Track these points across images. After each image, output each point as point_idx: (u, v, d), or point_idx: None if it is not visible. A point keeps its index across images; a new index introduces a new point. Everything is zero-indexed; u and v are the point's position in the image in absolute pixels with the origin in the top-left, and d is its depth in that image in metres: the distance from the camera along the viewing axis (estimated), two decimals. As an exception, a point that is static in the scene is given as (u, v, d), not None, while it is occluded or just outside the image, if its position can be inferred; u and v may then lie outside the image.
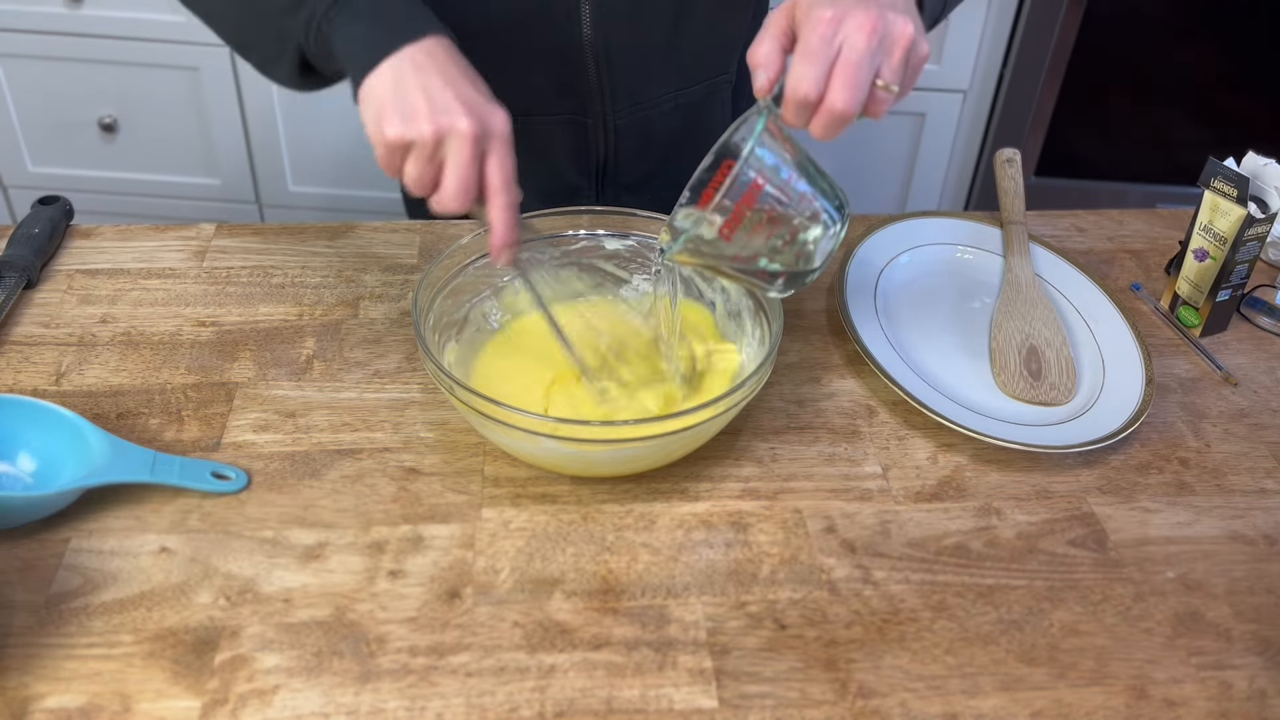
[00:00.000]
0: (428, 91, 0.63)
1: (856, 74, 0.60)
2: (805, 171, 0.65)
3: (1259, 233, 0.83)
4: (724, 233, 0.64)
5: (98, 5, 1.70)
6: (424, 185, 0.65)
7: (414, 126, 0.62)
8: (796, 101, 0.61)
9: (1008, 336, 0.83)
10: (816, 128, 0.62)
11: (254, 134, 1.83)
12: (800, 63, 0.61)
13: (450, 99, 0.63)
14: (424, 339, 0.68)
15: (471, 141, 0.63)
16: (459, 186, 0.64)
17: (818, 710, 0.58)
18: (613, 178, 0.99)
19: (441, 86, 0.63)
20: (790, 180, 0.64)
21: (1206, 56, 1.76)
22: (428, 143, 0.63)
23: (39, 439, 0.68)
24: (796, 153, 0.65)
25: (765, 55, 0.63)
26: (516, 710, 0.57)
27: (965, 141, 1.86)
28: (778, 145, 0.64)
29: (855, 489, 0.71)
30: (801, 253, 0.66)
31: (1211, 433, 0.78)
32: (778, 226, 0.65)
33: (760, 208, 0.63)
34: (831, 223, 0.66)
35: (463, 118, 0.62)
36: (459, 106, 0.63)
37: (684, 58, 0.93)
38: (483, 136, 0.63)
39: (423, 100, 0.63)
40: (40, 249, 0.86)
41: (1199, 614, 0.64)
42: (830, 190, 0.66)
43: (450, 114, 0.62)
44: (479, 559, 0.65)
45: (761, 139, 0.62)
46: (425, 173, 0.64)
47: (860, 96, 0.60)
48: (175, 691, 0.57)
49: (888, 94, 0.62)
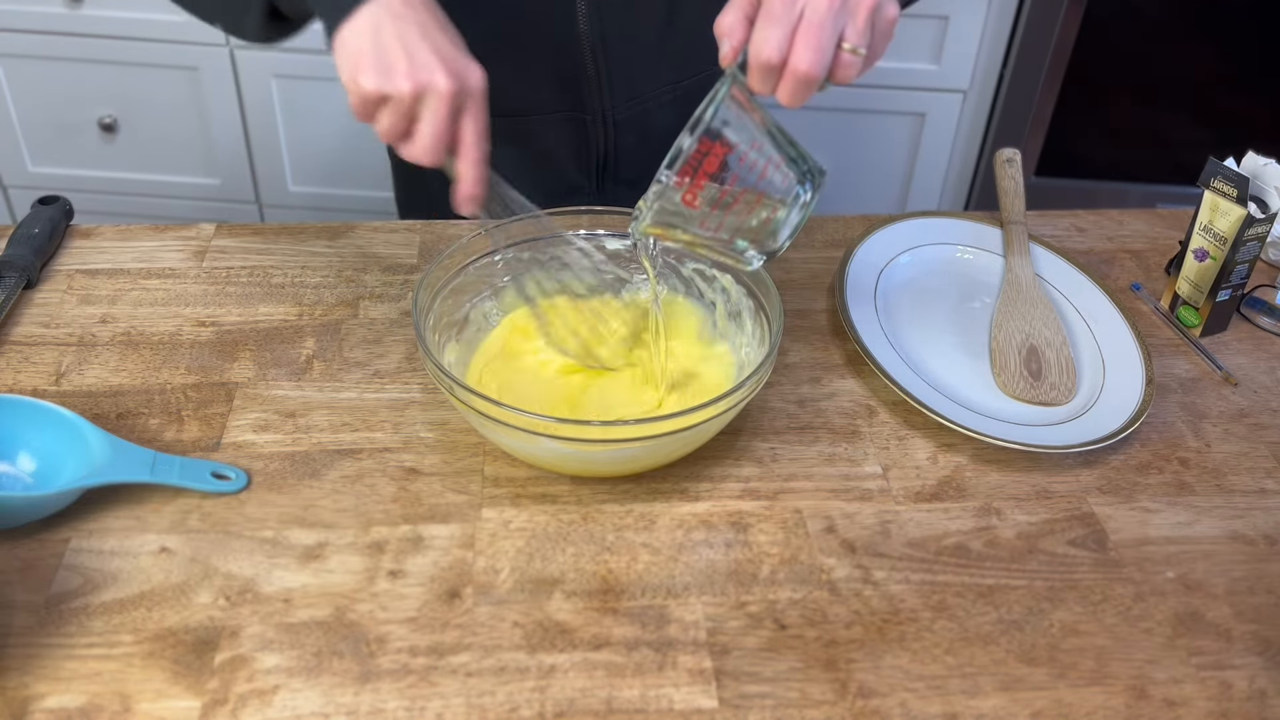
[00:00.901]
0: (406, 44, 0.62)
1: (819, 36, 0.59)
2: (773, 139, 0.65)
3: (1259, 233, 0.83)
4: (687, 199, 0.63)
5: (98, 5, 1.70)
6: (395, 136, 0.65)
7: (391, 81, 0.62)
8: (759, 66, 0.61)
9: (1008, 336, 0.83)
10: (783, 93, 0.62)
11: (254, 134, 1.83)
12: (762, 27, 0.60)
13: (428, 54, 0.62)
14: (424, 339, 0.68)
15: (449, 99, 0.63)
16: (434, 142, 0.64)
17: (818, 710, 0.58)
18: (613, 174, 0.99)
19: (419, 39, 0.63)
20: (755, 146, 0.64)
21: (1206, 56, 1.76)
22: (405, 98, 0.62)
23: (39, 439, 0.68)
24: (764, 120, 0.65)
25: (729, 24, 0.63)
26: (516, 710, 0.57)
27: (965, 141, 1.86)
28: (742, 112, 0.63)
29: (855, 489, 0.71)
30: (769, 219, 0.66)
31: (1211, 433, 0.78)
32: (743, 193, 0.64)
33: (723, 174, 0.63)
34: (801, 190, 0.66)
35: (441, 75, 0.62)
36: (437, 63, 0.62)
37: (679, 49, 0.93)
38: (460, 93, 0.63)
39: (401, 54, 0.62)
40: (40, 249, 0.86)
41: (1199, 614, 0.64)
42: (800, 158, 0.66)
43: (429, 70, 0.62)
44: (479, 559, 0.65)
45: (723, 105, 0.62)
46: (399, 126, 0.64)
47: (824, 59, 0.60)
48: (175, 691, 0.57)
49: (854, 57, 0.61)
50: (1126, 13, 1.70)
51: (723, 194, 0.64)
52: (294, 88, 1.78)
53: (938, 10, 1.71)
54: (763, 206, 0.65)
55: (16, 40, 1.75)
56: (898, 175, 1.90)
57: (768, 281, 0.74)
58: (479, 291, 0.79)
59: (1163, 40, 1.73)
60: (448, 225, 0.95)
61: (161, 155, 1.87)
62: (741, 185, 0.64)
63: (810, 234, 0.96)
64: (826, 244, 0.95)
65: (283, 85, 1.78)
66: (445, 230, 0.94)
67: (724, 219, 0.65)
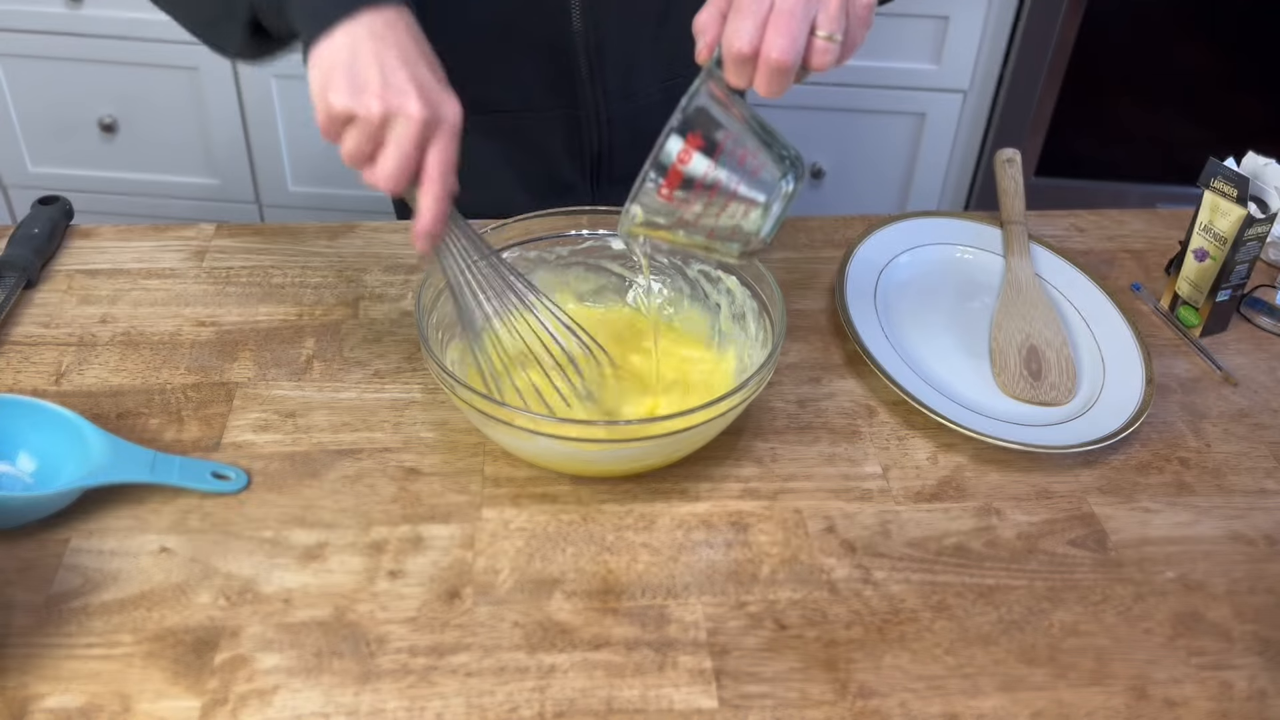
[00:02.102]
0: (382, 65, 0.61)
1: (790, 23, 0.59)
2: (753, 132, 0.64)
3: (1259, 233, 0.83)
4: (663, 193, 0.63)
5: (98, 5, 1.70)
6: (359, 160, 0.63)
7: (361, 101, 0.60)
8: (732, 58, 0.61)
9: (1008, 336, 0.83)
10: (759, 84, 0.61)
11: (253, 134, 1.83)
12: (734, 19, 0.60)
13: (404, 79, 0.60)
14: (426, 338, 0.68)
15: (419, 126, 0.60)
16: (397, 168, 0.61)
17: (818, 710, 0.58)
18: (607, 173, 0.99)
19: (398, 63, 0.61)
20: (734, 140, 0.63)
21: (1206, 56, 1.76)
22: (373, 119, 0.60)
23: (39, 439, 0.68)
24: (743, 114, 0.65)
25: (704, 21, 0.63)
26: (516, 710, 0.57)
27: (965, 141, 1.86)
28: (720, 107, 0.63)
29: (855, 489, 0.71)
30: (752, 211, 0.65)
31: (1212, 433, 0.78)
32: (726, 187, 0.64)
33: (703, 169, 0.63)
34: (783, 180, 0.65)
35: (414, 100, 0.60)
36: (412, 88, 0.60)
37: (673, 46, 0.93)
38: (431, 122, 0.61)
39: (375, 74, 0.60)
40: (40, 249, 0.86)
41: (1199, 614, 0.64)
42: (782, 149, 0.65)
43: (402, 95, 0.60)
44: (479, 559, 0.65)
45: (696, 99, 0.62)
46: (363, 148, 0.62)
47: (796, 46, 0.60)
48: (175, 691, 0.57)
49: (829, 43, 0.61)
50: (1126, 13, 1.70)
51: (705, 189, 0.64)
52: (294, 88, 1.78)
53: (938, 10, 1.71)
54: (745, 199, 0.65)
55: (16, 40, 1.75)
56: (898, 175, 1.90)
57: (771, 283, 0.74)
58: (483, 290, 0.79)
59: (1163, 40, 1.73)
60: (448, 225, 0.95)
61: (161, 155, 1.87)
62: (723, 179, 0.64)
63: (810, 234, 0.96)
64: (826, 244, 0.95)
65: (283, 85, 1.78)
66: (445, 230, 0.94)
67: (707, 214, 0.65)
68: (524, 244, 0.80)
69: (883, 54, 1.76)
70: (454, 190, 0.64)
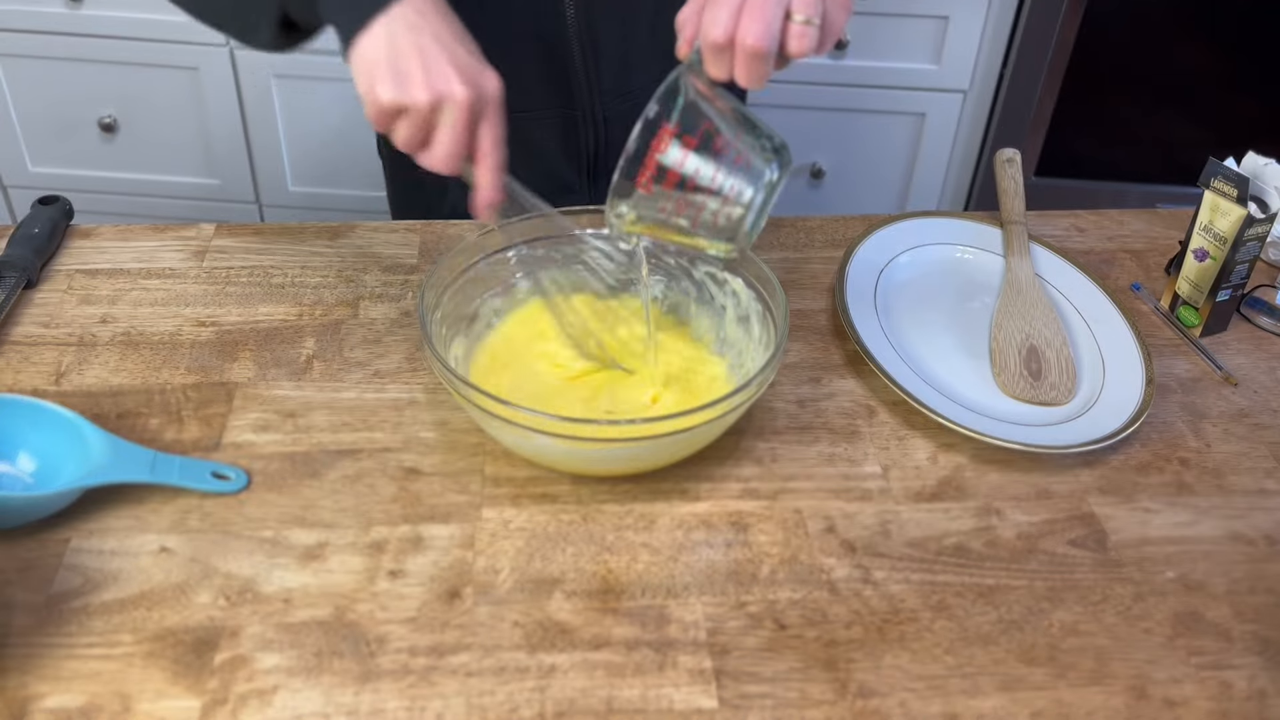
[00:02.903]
0: (423, 54, 0.63)
1: (763, 9, 0.60)
2: (736, 124, 0.64)
3: (1259, 233, 0.83)
4: (641, 183, 0.63)
5: (98, 5, 1.70)
6: (414, 146, 0.65)
7: (409, 92, 0.62)
8: (709, 48, 0.61)
9: (1008, 336, 0.83)
10: (739, 73, 0.62)
11: (254, 134, 1.83)
12: (709, 11, 0.61)
13: (445, 64, 0.63)
14: (429, 336, 0.68)
15: (466, 108, 0.63)
16: (451, 151, 0.64)
17: (818, 710, 0.58)
18: (604, 171, 0.99)
19: (436, 49, 0.63)
20: (716, 132, 0.63)
21: (1206, 56, 1.76)
22: (422, 109, 0.63)
23: (39, 439, 0.68)
24: (725, 107, 0.65)
25: (684, 17, 0.64)
26: (516, 710, 0.57)
27: (965, 141, 1.86)
28: (702, 100, 0.63)
29: (855, 489, 0.71)
30: (736, 202, 0.65)
31: (1212, 433, 0.78)
32: (709, 179, 0.64)
33: (686, 164, 0.63)
34: (768, 170, 0.65)
35: (459, 84, 0.63)
36: (454, 72, 0.63)
37: (668, 44, 0.93)
38: (476, 102, 0.64)
39: (418, 64, 0.63)
40: (40, 249, 0.86)
41: (1199, 614, 0.64)
42: (766, 139, 0.65)
43: (446, 80, 0.63)
44: (479, 559, 0.65)
45: (669, 91, 0.62)
46: (417, 136, 0.65)
47: (770, 31, 0.60)
48: (175, 691, 0.57)
49: (807, 27, 0.61)
50: (1126, 13, 1.70)
51: (689, 183, 0.64)
52: (294, 88, 1.78)
53: (938, 10, 1.71)
54: (727, 188, 0.65)
55: (16, 40, 1.75)
56: (898, 175, 1.90)
57: (775, 284, 0.74)
58: (489, 287, 0.79)
59: (1163, 40, 1.73)
60: (447, 225, 0.95)
61: (161, 155, 1.87)
62: (707, 172, 0.64)
63: (810, 234, 0.96)
64: (826, 244, 0.95)
65: (283, 85, 1.78)
66: (445, 230, 0.94)
67: (691, 207, 0.65)
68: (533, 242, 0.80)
69: (883, 54, 1.76)
70: (505, 159, 0.67)
